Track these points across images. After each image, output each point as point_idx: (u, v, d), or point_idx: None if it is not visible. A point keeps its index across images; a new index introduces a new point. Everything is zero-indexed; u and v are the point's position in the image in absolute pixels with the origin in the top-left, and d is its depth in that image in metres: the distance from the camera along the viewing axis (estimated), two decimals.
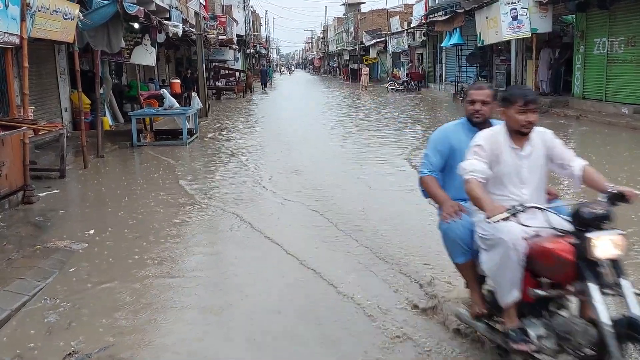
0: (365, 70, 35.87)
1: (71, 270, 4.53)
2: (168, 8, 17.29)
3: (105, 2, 9.71)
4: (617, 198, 2.55)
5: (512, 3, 14.87)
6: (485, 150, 2.78)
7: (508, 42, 16.21)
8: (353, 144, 11.44)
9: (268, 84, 39.12)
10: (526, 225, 2.57)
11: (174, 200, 6.87)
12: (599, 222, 2.39)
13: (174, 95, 14.87)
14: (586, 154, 9.56)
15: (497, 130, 2.88)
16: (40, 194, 7.02)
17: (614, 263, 2.36)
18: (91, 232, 5.54)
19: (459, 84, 22.44)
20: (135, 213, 6.28)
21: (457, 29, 20.35)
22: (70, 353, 3.21)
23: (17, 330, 3.52)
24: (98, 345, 3.28)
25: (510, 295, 2.67)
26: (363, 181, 7.78)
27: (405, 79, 30.70)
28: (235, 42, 32.80)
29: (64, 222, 5.98)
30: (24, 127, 6.83)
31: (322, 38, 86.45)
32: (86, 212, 6.50)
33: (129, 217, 6.10)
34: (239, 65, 36.10)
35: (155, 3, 15.65)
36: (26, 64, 6.97)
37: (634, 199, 2.52)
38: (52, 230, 5.62)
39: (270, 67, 63.21)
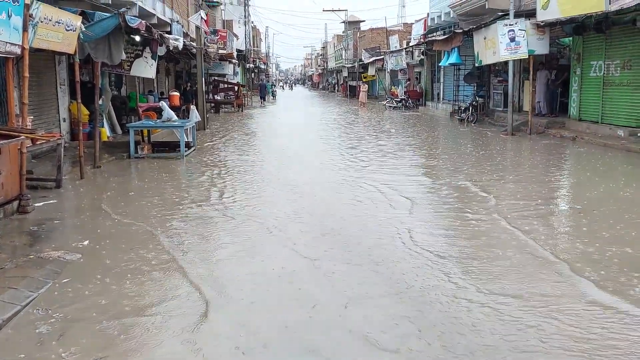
0: (363, 87, 36.14)
1: (64, 280, 4.50)
2: (169, 22, 17.47)
3: (108, 14, 9.80)
4: None
5: (510, 25, 15.10)
6: None
7: (505, 62, 16.37)
8: (355, 168, 11.33)
9: (269, 98, 39.34)
10: None
11: (169, 213, 6.85)
12: None
13: (172, 107, 14.95)
14: (582, 175, 9.64)
15: None
16: (36, 204, 7.01)
17: None
18: (85, 242, 5.52)
19: (456, 103, 22.61)
20: (130, 224, 6.26)
21: (456, 48, 20.55)
22: None
23: (8, 340, 3.49)
24: (89, 357, 3.26)
25: None
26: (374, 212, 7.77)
27: (403, 97, 30.88)
28: (235, 56, 33.04)
29: (58, 233, 5.96)
30: (22, 137, 6.84)
31: (321, 54, 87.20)
32: (81, 223, 6.47)
33: (124, 229, 6.08)
34: (238, 80, 36.28)
35: (157, 17, 15.81)
36: (27, 74, 7.00)
37: None
38: (46, 240, 5.60)
39: (269, 82, 63.70)
